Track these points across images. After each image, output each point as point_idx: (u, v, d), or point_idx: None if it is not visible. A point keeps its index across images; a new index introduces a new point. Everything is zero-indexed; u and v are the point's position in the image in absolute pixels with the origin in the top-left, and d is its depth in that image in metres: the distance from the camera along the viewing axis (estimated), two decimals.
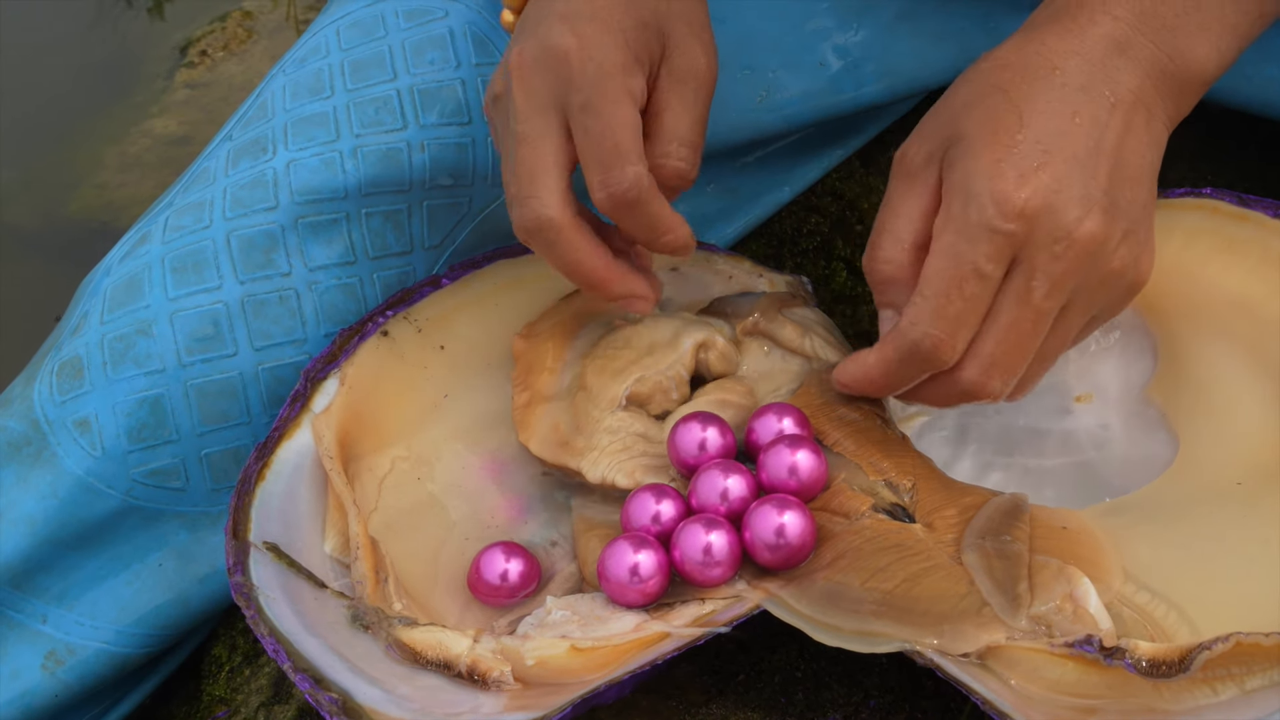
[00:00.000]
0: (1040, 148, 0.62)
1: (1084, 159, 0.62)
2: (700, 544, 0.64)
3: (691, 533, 0.64)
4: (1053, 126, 0.62)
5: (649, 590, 0.64)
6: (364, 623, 0.64)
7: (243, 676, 0.77)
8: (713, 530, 0.64)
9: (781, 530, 0.63)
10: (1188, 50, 0.65)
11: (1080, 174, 0.62)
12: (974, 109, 0.64)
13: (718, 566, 0.64)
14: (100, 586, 0.76)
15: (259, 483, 0.69)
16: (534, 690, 0.61)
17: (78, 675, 0.75)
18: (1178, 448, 0.69)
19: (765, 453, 0.67)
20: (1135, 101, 0.64)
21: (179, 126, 1.40)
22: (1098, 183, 0.62)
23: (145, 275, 0.76)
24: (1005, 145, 0.62)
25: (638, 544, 0.64)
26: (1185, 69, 0.65)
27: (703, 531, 0.64)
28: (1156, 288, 0.73)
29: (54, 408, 0.74)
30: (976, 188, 0.62)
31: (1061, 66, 0.64)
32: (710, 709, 0.66)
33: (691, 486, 0.66)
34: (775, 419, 0.68)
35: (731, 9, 0.83)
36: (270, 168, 0.76)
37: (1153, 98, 0.65)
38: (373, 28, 0.80)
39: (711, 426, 0.68)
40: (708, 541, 0.64)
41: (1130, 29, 0.64)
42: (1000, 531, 0.63)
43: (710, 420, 0.68)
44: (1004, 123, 0.63)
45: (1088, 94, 0.63)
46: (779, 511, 0.64)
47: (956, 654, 0.59)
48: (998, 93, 0.64)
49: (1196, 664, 0.57)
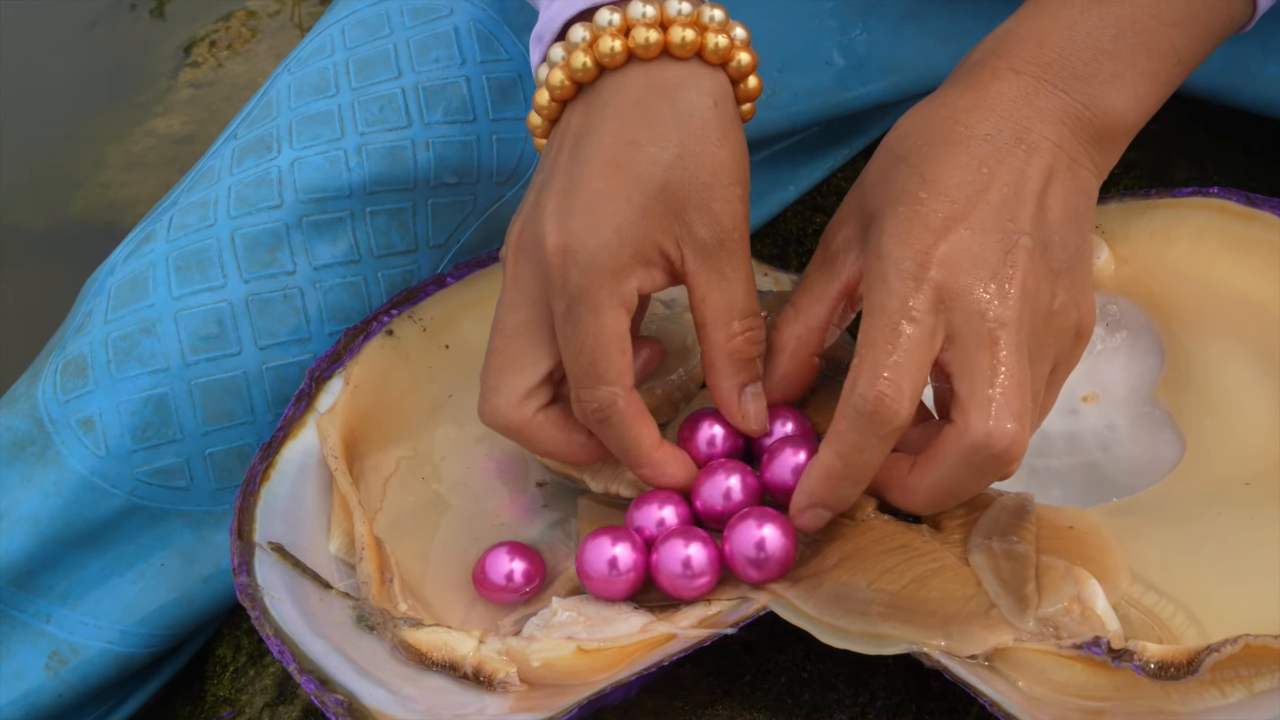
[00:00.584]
0: (947, 203, 0.60)
1: (1000, 207, 0.60)
2: (679, 556, 0.64)
3: (671, 546, 0.64)
4: (958, 180, 0.61)
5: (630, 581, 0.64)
6: (369, 623, 0.64)
7: (247, 677, 0.77)
8: (692, 542, 0.64)
9: (762, 544, 0.63)
10: (1102, 98, 0.63)
11: (998, 220, 0.60)
12: (880, 185, 0.63)
13: (699, 578, 0.64)
14: (104, 586, 0.76)
15: (264, 483, 0.68)
16: (540, 691, 0.61)
17: (81, 675, 0.75)
18: (1185, 448, 0.69)
19: (768, 454, 0.66)
20: (1054, 149, 0.62)
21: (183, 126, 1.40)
22: (1020, 225, 0.60)
23: (150, 274, 0.75)
24: (912, 208, 0.60)
25: (616, 537, 0.64)
26: (1103, 117, 0.63)
27: (681, 544, 0.64)
28: (1163, 287, 0.73)
29: (58, 407, 0.74)
30: (890, 250, 0.60)
31: (963, 121, 0.62)
32: (716, 710, 0.65)
33: (695, 488, 0.66)
34: (780, 424, 0.68)
35: (731, 8, 0.83)
36: (275, 166, 0.76)
37: (1073, 145, 0.63)
38: (378, 26, 0.80)
39: (719, 424, 0.68)
40: (687, 554, 0.64)
41: (1036, 80, 0.63)
42: (1007, 532, 0.63)
43: (718, 418, 0.68)
44: (907, 188, 0.61)
45: (993, 144, 0.61)
46: (759, 524, 0.63)
47: (964, 655, 0.59)
48: (900, 163, 0.62)
49: (1205, 666, 0.56)
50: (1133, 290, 0.74)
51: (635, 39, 0.63)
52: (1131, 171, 0.89)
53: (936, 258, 0.59)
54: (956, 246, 0.59)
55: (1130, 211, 0.75)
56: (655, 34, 0.63)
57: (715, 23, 0.64)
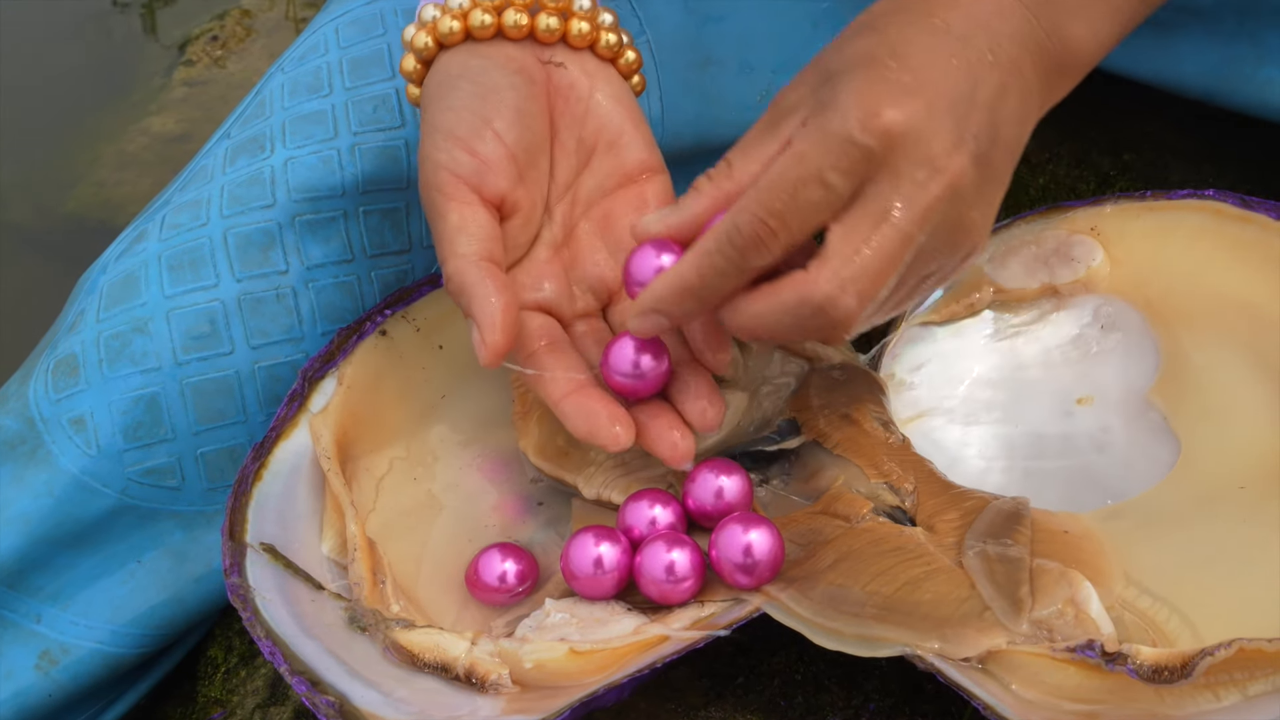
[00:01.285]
0: (913, 77, 0.59)
1: (958, 102, 0.60)
2: (663, 561, 0.63)
3: (654, 550, 0.64)
4: (928, 61, 0.60)
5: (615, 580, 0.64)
6: (361, 625, 0.64)
7: (239, 678, 0.77)
8: (675, 547, 0.64)
9: (749, 549, 0.63)
10: (1064, 27, 0.63)
11: (953, 113, 0.59)
12: (845, 49, 0.62)
13: (683, 583, 0.64)
14: (95, 586, 0.76)
15: (256, 483, 0.68)
16: (532, 693, 0.61)
17: (72, 675, 0.75)
18: (1179, 451, 0.69)
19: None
20: (1012, 68, 0.62)
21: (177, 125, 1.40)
22: (969, 127, 0.60)
23: (142, 273, 0.75)
24: (877, 71, 0.60)
25: (600, 536, 0.64)
26: (1061, 47, 0.63)
27: (664, 549, 0.64)
28: (1158, 289, 0.73)
29: (49, 405, 0.74)
30: (842, 100, 0.59)
31: (940, 14, 0.62)
32: (709, 712, 0.65)
33: (686, 488, 0.66)
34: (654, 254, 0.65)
35: (731, 7, 0.83)
36: (268, 165, 0.76)
37: (1028, 71, 0.62)
38: (371, 26, 0.80)
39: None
40: (670, 560, 0.63)
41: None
42: (1001, 535, 0.63)
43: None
44: (876, 54, 0.60)
45: (966, 44, 0.61)
46: (745, 529, 0.63)
47: (957, 658, 0.59)
48: (869, 31, 0.62)
49: (1199, 669, 0.56)
50: (1128, 292, 0.74)
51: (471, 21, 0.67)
52: (1127, 173, 0.89)
53: (883, 123, 0.58)
54: (909, 120, 0.58)
55: (1126, 213, 0.75)
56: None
57: None
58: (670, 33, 0.83)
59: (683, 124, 0.84)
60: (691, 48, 0.83)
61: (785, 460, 0.70)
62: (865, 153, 0.58)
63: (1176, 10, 0.81)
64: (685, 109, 0.83)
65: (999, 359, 0.75)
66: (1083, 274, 0.75)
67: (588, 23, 0.69)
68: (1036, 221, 0.76)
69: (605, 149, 0.69)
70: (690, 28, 0.83)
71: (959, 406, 0.74)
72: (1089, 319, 0.75)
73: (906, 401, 0.74)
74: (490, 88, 0.67)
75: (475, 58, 0.68)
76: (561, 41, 0.69)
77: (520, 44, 0.68)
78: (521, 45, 0.68)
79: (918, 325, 0.75)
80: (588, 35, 0.69)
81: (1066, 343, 0.74)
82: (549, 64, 0.69)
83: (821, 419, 0.69)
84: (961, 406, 0.74)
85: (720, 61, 0.84)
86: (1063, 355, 0.74)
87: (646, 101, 0.82)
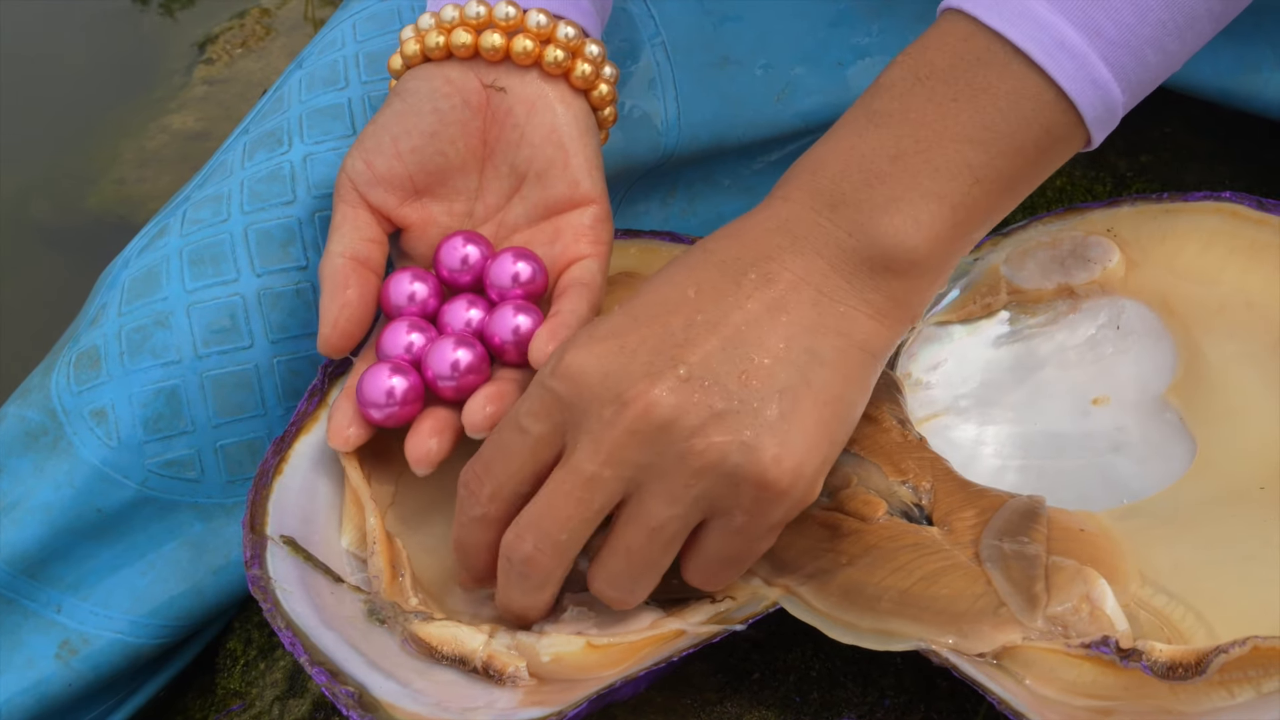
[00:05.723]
0: (627, 317, 0.59)
1: (678, 330, 0.57)
2: (448, 360, 0.66)
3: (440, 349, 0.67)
4: (654, 298, 0.59)
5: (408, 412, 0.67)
6: (380, 617, 0.64)
7: (258, 670, 0.77)
8: (460, 348, 0.67)
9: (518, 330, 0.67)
10: (872, 225, 0.58)
11: (662, 344, 0.57)
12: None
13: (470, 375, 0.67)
14: (115, 576, 0.76)
15: (276, 476, 0.69)
16: (549, 686, 0.61)
17: (91, 665, 0.76)
18: (1195, 451, 0.69)
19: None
20: (798, 281, 0.58)
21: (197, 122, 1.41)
22: (684, 354, 0.57)
23: (163, 267, 0.76)
24: (594, 323, 0.60)
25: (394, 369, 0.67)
26: (873, 244, 0.58)
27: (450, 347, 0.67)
28: (1175, 290, 0.73)
29: (71, 397, 0.75)
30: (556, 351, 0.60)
31: (709, 246, 0.60)
32: (725, 707, 0.66)
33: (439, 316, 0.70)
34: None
35: (749, 6, 0.84)
36: (287, 161, 0.77)
37: (830, 279, 0.59)
38: (388, 21, 0.80)
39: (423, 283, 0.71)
40: (454, 359, 0.66)
41: (800, 208, 0.60)
42: (1018, 533, 0.63)
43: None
44: (615, 301, 0.62)
45: (724, 270, 0.59)
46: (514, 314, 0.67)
47: (972, 653, 0.59)
48: (629, 277, 0.65)
49: (1213, 667, 0.56)
50: (1144, 293, 0.74)
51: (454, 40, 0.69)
52: (1144, 175, 0.90)
53: (566, 367, 0.58)
54: (589, 360, 0.58)
55: (1142, 215, 0.75)
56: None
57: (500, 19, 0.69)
58: (686, 33, 0.83)
59: (699, 124, 0.84)
60: (708, 47, 0.84)
61: None
62: (553, 396, 0.58)
63: None
64: (702, 109, 0.84)
65: (1015, 359, 0.75)
66: (1099, 275, 0.75)
67: (533, 40, 0.69)
68: (1053, 222, 0.76)
69: (535, 178, 0.70)
70: (706, 27, 0.84)
71: (975, 406, 0.74)
72: (1105, 320, 0.75)
73: (923, 400, 0.74)
74: (412, 109, 0.69)
75: (417, 79, 0.70)
76: (506, 60, 0.69)
77: (468, 64, 0.69)
78: (467, 66, 0.69)
79: (934, 325, 0.76)
80: (532, 53, 0.69)
81: (1082, 343, 0.75)
82: (490, 87, 0.69)
83: None
84: (977, 406, 0.74)
85: (738, 61, 0.84)
86: (1078, 355, 0.74)
87: (662, 101, 0.82)
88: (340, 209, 0.70)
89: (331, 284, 0.68)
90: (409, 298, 0.70)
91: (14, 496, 0.74)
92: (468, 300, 0.70)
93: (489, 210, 0.71)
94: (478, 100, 0.70)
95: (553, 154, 0.70)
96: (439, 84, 0.69)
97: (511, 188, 0.71)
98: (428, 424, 0.66)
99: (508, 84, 0.69)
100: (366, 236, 0.69)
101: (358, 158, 0.70)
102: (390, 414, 0.67)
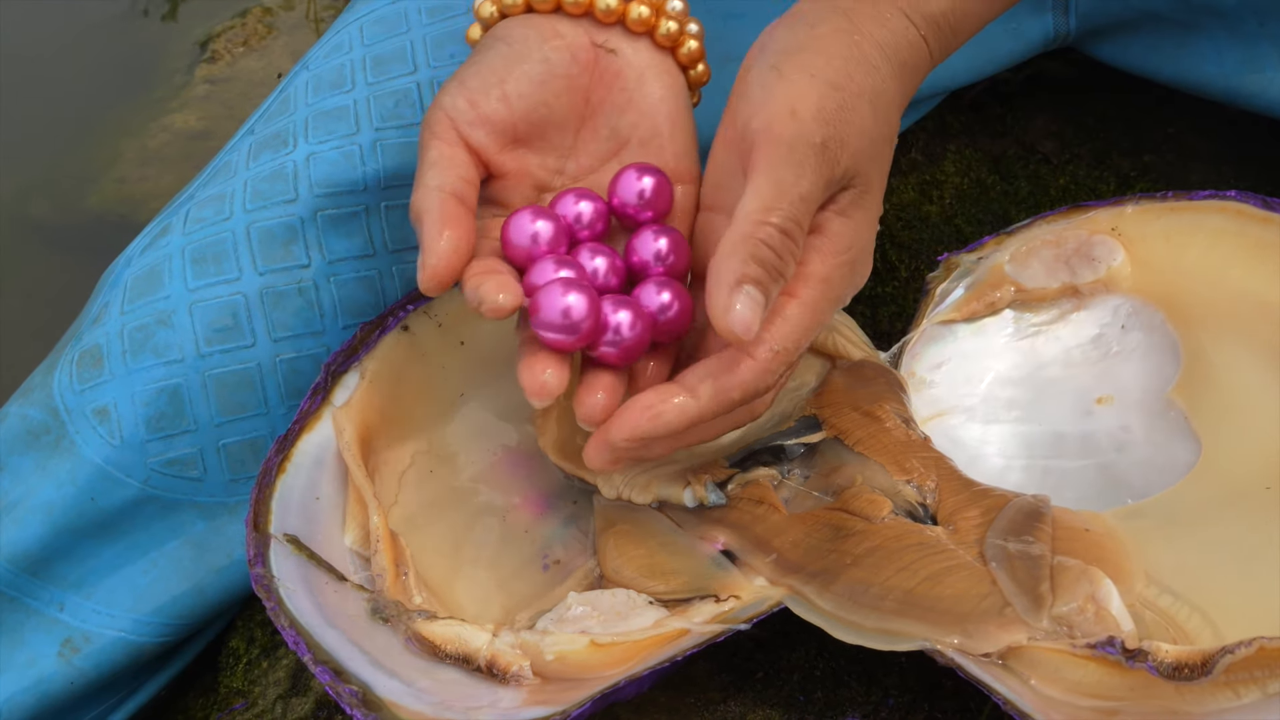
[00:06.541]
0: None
1: None
2: (559, 306, 0.60)
3: (549, 292, 0.61)
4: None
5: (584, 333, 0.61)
6: (384, 616, 0.64)
7: (260, 669, 0.77)
8: (571, 291, 0.61)
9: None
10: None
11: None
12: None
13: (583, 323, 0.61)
14: (117, 575, 0.76)
15: (280, 475, 0.69)
16: (553, 685, 0.61)
17: (94, 663, 0.76)
18: (1200, 450, 0.69)
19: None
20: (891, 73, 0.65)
21: (198, 122, 1.41)
22: None
23: (166, 266, 0.76)
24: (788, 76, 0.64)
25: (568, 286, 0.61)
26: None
27: (560, 292, 0.61)
28: (1180, 289, 0.73)
29: (73, 396, 0.74)
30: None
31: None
32: (729, 706, 0.65)
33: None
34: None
35: (751, 4, 0.83)
36: (290, 160, 0.77)
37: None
38: (395, 23, 0.80)
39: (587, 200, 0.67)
40: (566, 304, 0.60)
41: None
42: (1023, 533, 0.63)
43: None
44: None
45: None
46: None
47: (977, 653, 0.59)
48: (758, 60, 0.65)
49: (1219, 667, 0.56)
50: (1149, 292, 0.74)
51: None
52: (1148, 174, 0.89)
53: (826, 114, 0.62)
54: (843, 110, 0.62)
55: (1147, 214, 0.75)
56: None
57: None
58: None
59: (703, 120, 0.84)
60: (710, 45, 0.84)
61: (805, 456, 0.70)
62: None
63: (1198, 11, 0.81)
64: (705, 106, 0.84)
65: (1019, 358, 0.75)
66: (1103, 274, 0.75)
67: (648, 7, 0.68)
68: (1057, 221, 0.76)
69: (639, 144, 0.69)
70: (709, 25, 0.84)
71: (979, 405, 0.74)
72: (1109, 319, 0.75)
73: (927, 399, 0.74)
74: (521, 54, 0.67)
75: (523, 27, 0.67)
76: (620, 24, 0.68)
77: (577, 21, 0.68)
78: (577, 23, 0.68)
79: (938, 324, 0.75)
80: (647, 20, 0.68)
81: (1087, 342, 0.74)
82: (600, 47, 0.68)
83: (842, 416, 0.69)
84: (981, 405, 0.74)
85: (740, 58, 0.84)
86: (1083, 354, 0.74)
87: None
88: (435, 145, 0.65)
89: (433, 218, 0.62)
90: (532, 238, 0.65)
91: (16, 495, 0.74)
92: (606, 255, 0.65)
93: (581, 170, 0.69)
94: (585, 58, 0.68)
95: (659, 125, 0.69)
96: (549, 34, 0.67)
97: (609, 151, 0.69)
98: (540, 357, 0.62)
99: (619, 47, 0.68)
100: (463, 176, 0.65)
101: (459, 95, 0.65)
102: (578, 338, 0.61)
